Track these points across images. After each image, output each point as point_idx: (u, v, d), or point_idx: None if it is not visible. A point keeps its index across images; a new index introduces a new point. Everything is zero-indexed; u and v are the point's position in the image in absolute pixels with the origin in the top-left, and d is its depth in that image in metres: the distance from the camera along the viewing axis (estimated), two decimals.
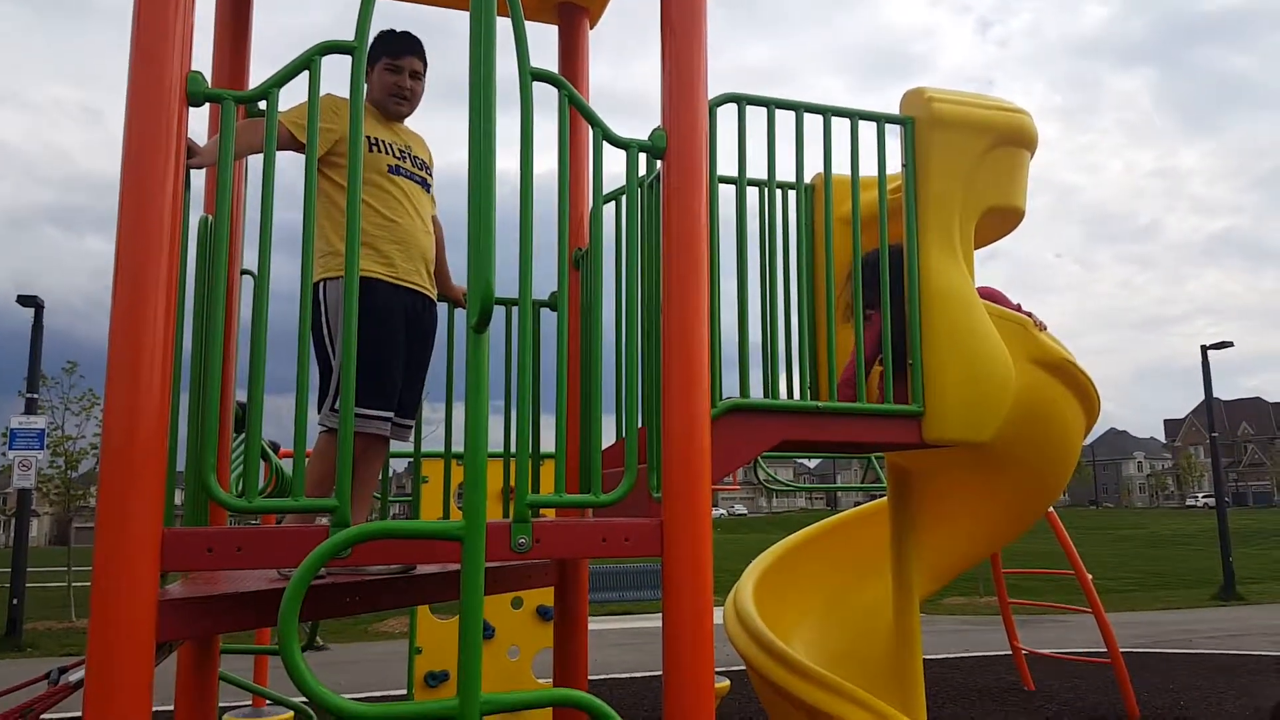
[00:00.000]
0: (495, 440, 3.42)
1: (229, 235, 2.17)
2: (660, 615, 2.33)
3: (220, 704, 3.52)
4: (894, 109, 3.25)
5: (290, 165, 2.77)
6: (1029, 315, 3.31)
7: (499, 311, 3.49)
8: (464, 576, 1.71)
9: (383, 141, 2.97)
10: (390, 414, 2.94)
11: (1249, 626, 13.08)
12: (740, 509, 74.25)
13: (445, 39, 3.52)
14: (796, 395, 3.17)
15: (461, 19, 1.89)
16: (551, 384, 3.60)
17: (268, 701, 5.20)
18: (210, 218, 2.79)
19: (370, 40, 3.04)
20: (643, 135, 2.53)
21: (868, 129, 3.13)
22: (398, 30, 3.06)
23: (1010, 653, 8.81)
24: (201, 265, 2.71)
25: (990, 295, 3.30)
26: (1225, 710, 7.31)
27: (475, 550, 1.72)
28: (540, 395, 3.42)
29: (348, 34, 2.19)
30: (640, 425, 2.87)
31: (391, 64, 3.03)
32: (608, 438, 3.21)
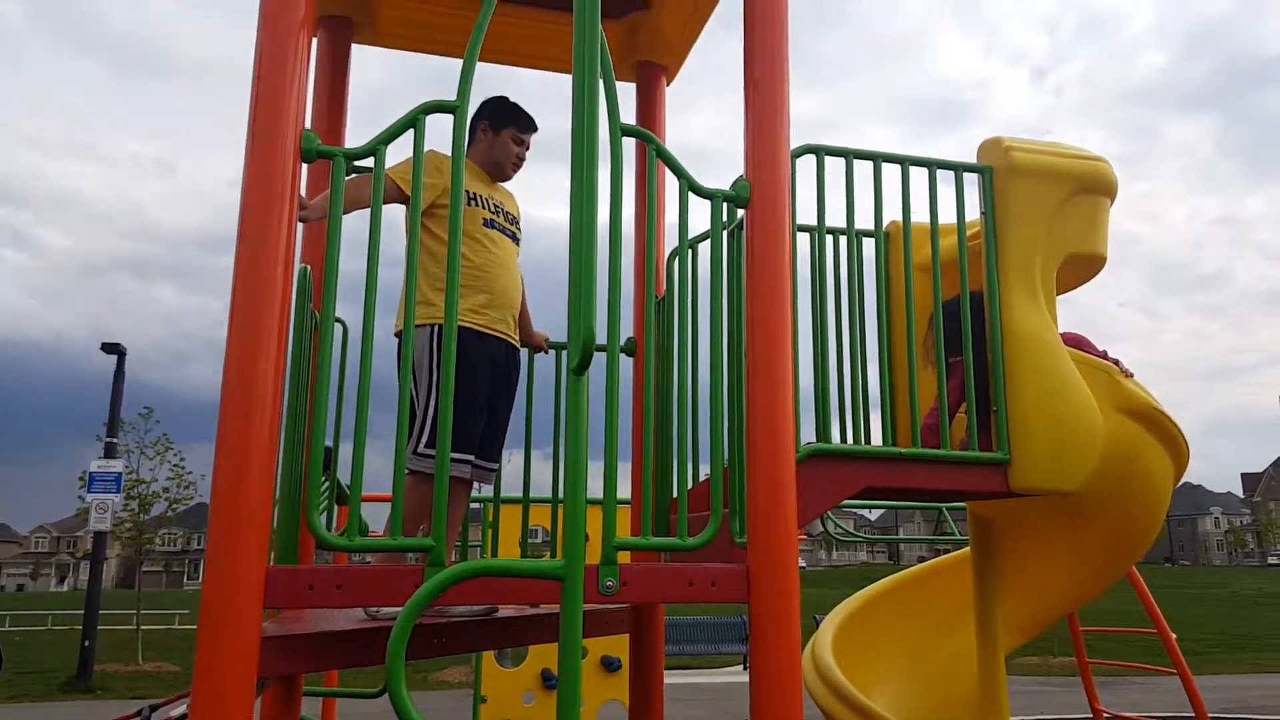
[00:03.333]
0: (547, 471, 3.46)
1: (335, 288, 2.26)
2: (722, 670, 2.31)
3: None
4: (949, 157, 3.24)
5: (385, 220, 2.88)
6: (1115, 362, 3.26)
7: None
8: (564, 614, 1.72)
9: (480, 196, 3.15)
10: (471, 456, 3.01)
11: None
12: (800, 562, 73.01)
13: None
14: (876, 441, 3.15)
15: (529, 79, 1.97)
16: (628, 430, 3.64)
17: None
18: (309, 268, 2.91)
19: (493, 105, 3.26)
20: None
21: (942, 178, 3.15)
22: (521, 107, 3.32)
23: (1091, 716, 8.45)
24: (300, 314, 2.82)
25: (1075, 342, 3.26)
26: None
27: (574, 588, 1.74)
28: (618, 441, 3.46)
29: (416, 94, 2.29)
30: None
31: (518, 136, 3.31)
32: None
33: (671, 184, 2.66)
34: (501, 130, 3.28)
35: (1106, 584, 3.65)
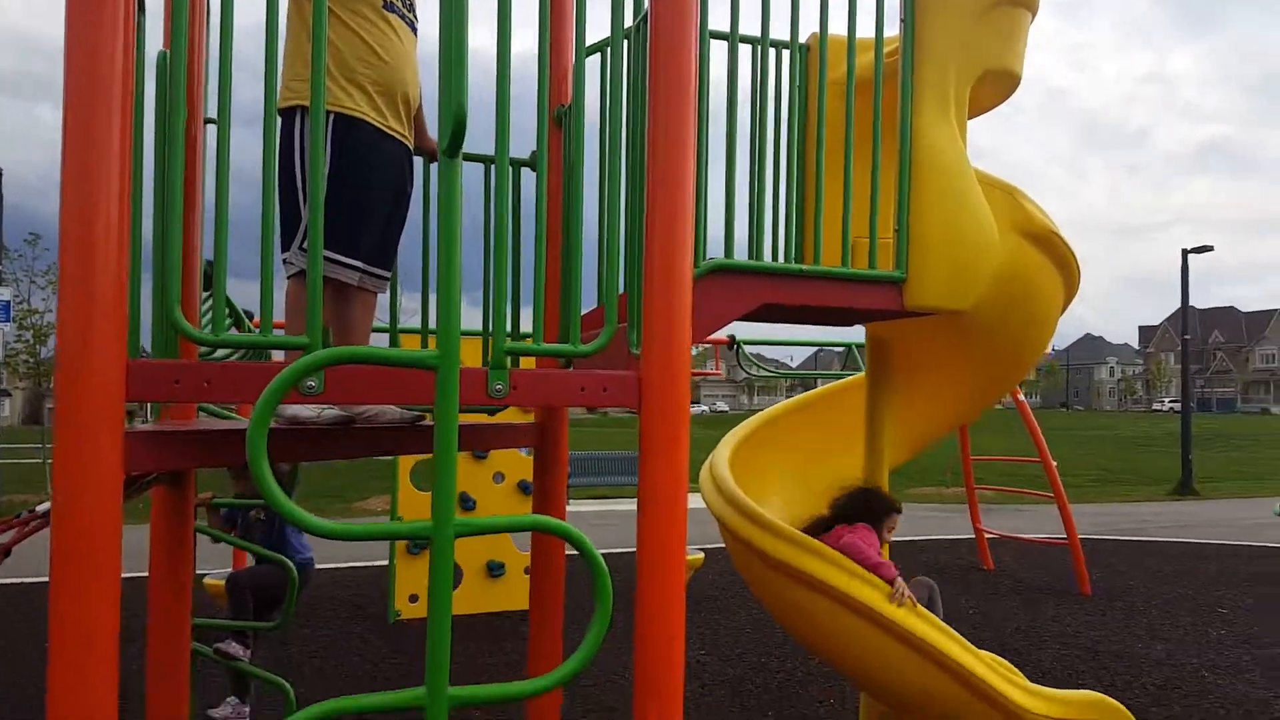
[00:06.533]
0: (474, 320, 3.37)
1: (183, 64, 2.05)
2: (634, 499, 2.34)
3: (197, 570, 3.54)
4: None
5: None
6: None
7: (477, 171, 3.38)
8: (438, 404, 1.68)
9: None
10: (358, 262, 2.84)
11: (1200, 519, 13.62)
12: (722, 405, 75.22)
13: None
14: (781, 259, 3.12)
15: None
16: (531, 247, 3.51)
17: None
18: (168, 52, 2.64)
19: None
20: None
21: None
22: None
23: (973, 536, 9.17)
24: (161, 106, 2.57)
25: None
26: (1166, 589, 7.99)
27: (449, 378, 1.69)
28: (520, 264, 3.35)
29: None
30: (622, 292, 2.82)
31: None
32: (588, 301, 3.16)
33: None
34: None
35: (989, 400, 3.80)
